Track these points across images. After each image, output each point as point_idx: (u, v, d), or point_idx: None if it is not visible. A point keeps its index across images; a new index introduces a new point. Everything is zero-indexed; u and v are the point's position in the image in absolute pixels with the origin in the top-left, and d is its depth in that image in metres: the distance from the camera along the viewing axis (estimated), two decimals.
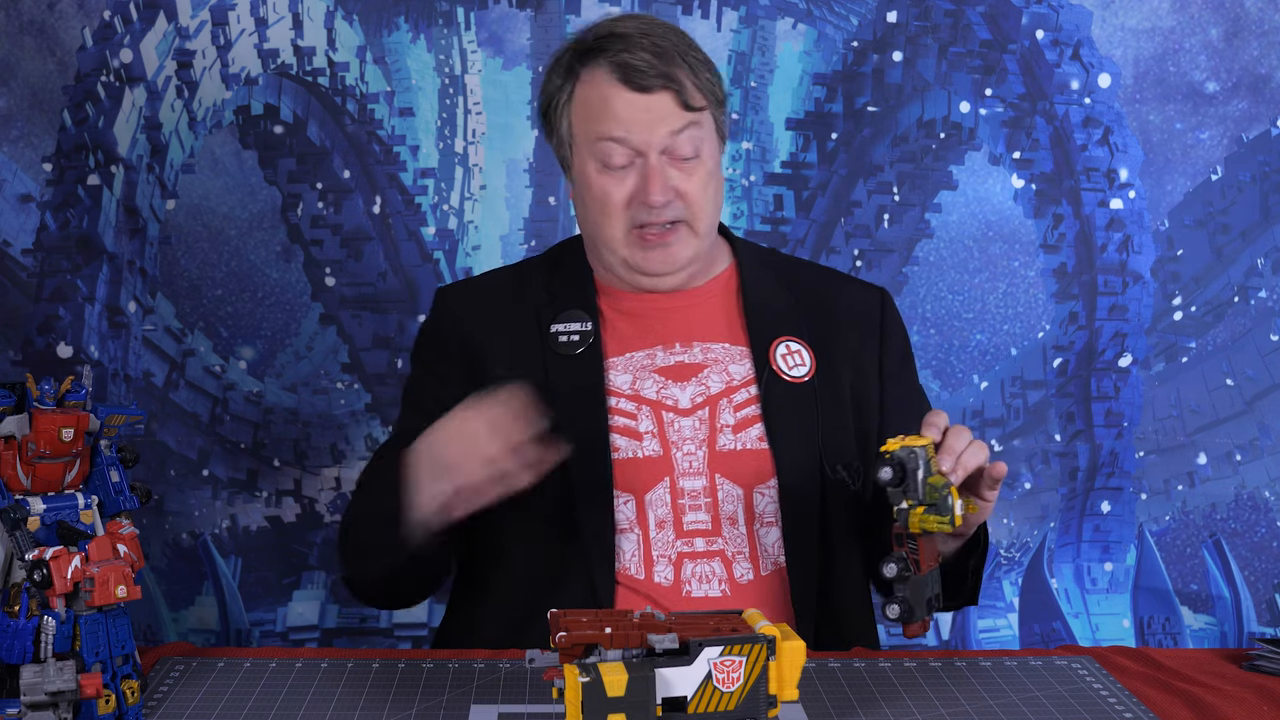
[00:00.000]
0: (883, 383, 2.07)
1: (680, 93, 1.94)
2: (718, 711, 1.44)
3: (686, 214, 1.96)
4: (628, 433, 1.97)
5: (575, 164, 2.01)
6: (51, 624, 1.51)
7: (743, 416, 1.99)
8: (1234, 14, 2.97)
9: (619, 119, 1.94)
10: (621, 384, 2.00)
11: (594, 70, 1.96)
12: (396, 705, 1.64)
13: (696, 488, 1.95)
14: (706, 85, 1.97)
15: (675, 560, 1.93)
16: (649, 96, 1.93)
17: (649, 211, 1.95)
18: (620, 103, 1.94)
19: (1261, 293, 3.01)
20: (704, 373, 2.01)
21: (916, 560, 1.68)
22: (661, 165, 1.94)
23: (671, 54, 1.94)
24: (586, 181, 1.98)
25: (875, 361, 2.08)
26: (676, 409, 1.98)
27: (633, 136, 1.94)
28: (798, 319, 2.05)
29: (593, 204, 1.98)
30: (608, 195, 1.96)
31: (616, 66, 1.94)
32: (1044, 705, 1.67)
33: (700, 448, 1.97)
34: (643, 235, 1.97)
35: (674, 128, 1.94)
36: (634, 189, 1.95)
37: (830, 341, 2.05)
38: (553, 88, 2.02)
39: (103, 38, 2.85)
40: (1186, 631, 3.05)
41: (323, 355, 2.98)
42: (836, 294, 2.12)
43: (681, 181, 1.95)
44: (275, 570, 2.98)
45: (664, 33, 1.98)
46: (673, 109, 1.94)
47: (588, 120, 1.97)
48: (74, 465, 1.60)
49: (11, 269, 2.87)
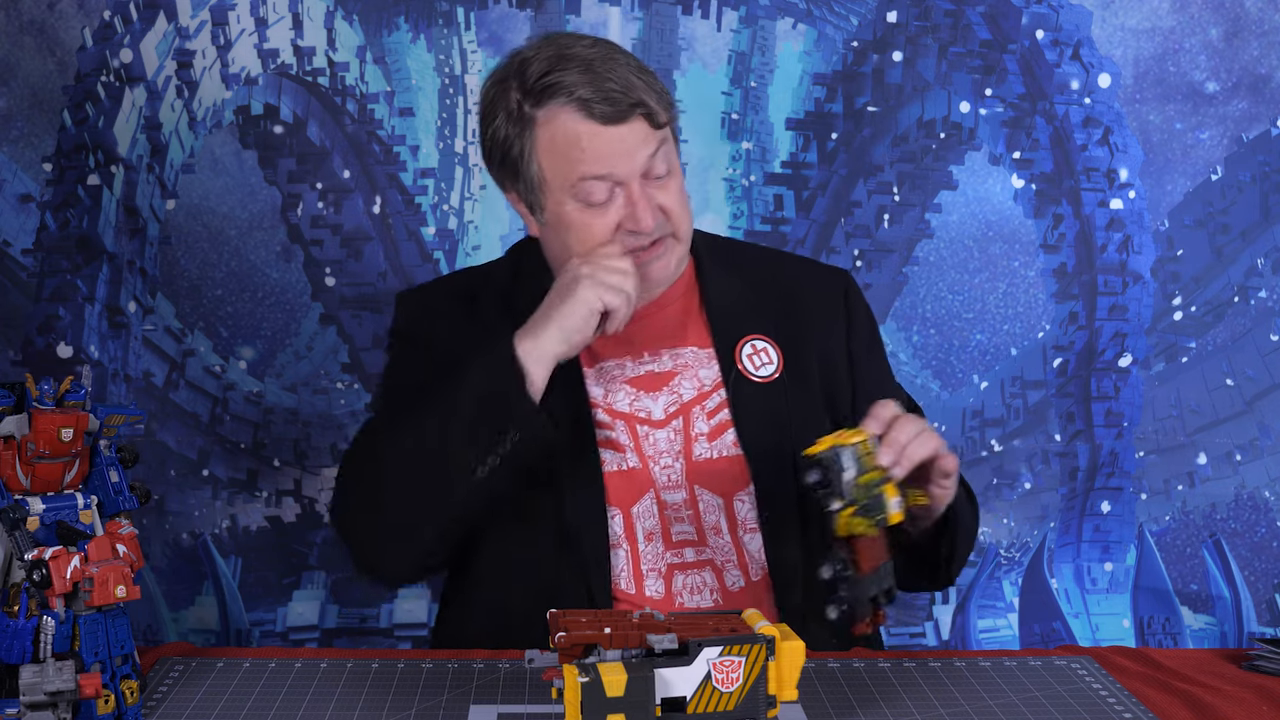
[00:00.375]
0: (852, 366, 2.05)
1: (649, 116, 1.89)
2: (717, 712, 1.44)
3: (670, 227, 1.94)
4: (609, 445, 1.95)
5: (549, 206, 1.93)
6: (51, 624, 1.51)
7: (716, 423, 1.97)
8: (1234, 14, 2.97)
9: (598, 155, 1.87)
10: (595, 396, 1.98)
11: (554, 110, 1.88)
12: (396, 705, 1.64)
13: (678, 500, 1.94)
14: (662, 95, 1.92)
15: (665, 573, 1.92)
16: (622, 127, 1.88)
17: (638, 236, 1.91)
18: (595, 139, 1.87)
19: (1261, 293, 3.01)
20: (675, 380, 1.99)
21: (856, 561, 1.66)
22: (643, 189, 1.90)
23: (629, 79, 1.89)
24: (565, 220, 1.92)
25: (843, 346, 2.05)
26: (650, 421, 1.97)
27: (615, 171, 1.88)
28: (761, 315, 2.02)
29: (575, 240, 1.92)
30: (591, 229, 1.91)
31: (581, 103, 1.86)
32: (1044, 705, 1.67)
33: (677, 459, 1.95)
34: (633, 257, 1.92)
35: (650, 151, 1.89)
36: (619, 218, 1.90)
37: (796, 333, 2.02)
38: (508, 133, 1.93)
39: (103, 38, 2.85)
40: (1186, 631, 3.05)
41: (323, 355, 2.98)
42: (798, 280, 2.08)
43: (662, 198, 1.91)
44: (275, 570, 2.99)
45: (607, 52, 1.91)
46: (645, 133, 1.89)
47: (561, 161, 1.89)
48: (73, 465, 1.60)
49: (11, 269, 2.87)
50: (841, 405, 2.02)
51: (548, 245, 2.01)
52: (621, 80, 1.87)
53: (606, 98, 1.86)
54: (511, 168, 1.95)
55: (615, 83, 1.87)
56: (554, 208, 1.93)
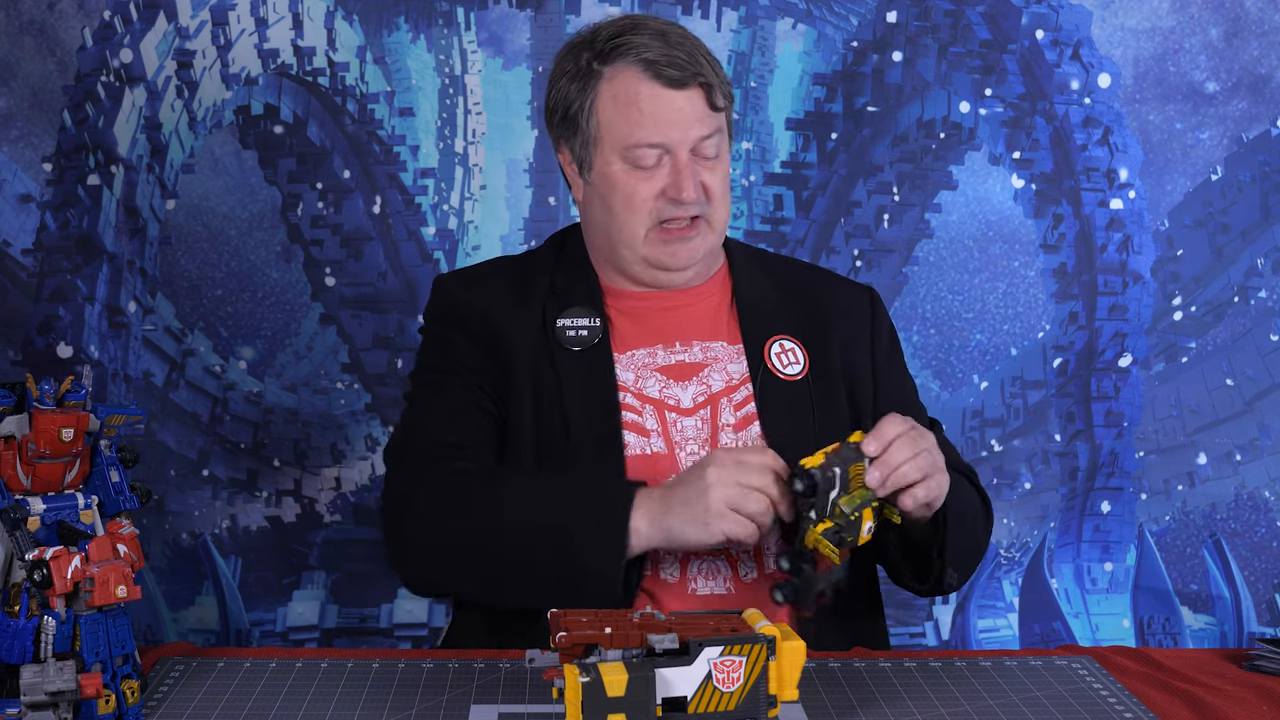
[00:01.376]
0: (875, 375, 2.09)
1: (709, 91, 1.95)
2: (718, 711, 1.44)
3: (708, 210, 1.99)
4: (636, 428, 1.97)
5: (597, 164, 1.99)
6: (51, 624, 1.51)
7: (743, 415, 2.00)
8: (1234, 14, 2.97)
9: (655, 119, 1.94)
10: (626, 381, 2.01)
11: (620, 68, 1.95)
12: (396, 705, 1.64)
13: None
14: (724, 84, 2.00)
15: (681, 557, 1.93)
16: (682, 92, 1.94)
17: (677, 206, 1.96)
18: (655, 101, 1.94)
19: (1261, 293, 3.01)
20: (704, 371, 2.02)
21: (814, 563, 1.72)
22: (690, 162, 1.96)
23: (694, 52, 1.96)
24: (611, 180, 1.98)
25: (867, 355, 2.09)
26: (679, 408, 1.99)
27: (669, 137, 1.94)
28: (790, 317, 2.07)
29: (617, 201, 1.98)
30: (635, 192, 1.96)
31: (647, 63, 1.94)
32: (1044, 705, 1.67)
33: (703, 447, 1.98)
34: (667, 230, 1.98)
35: (704, 132, 1.95)
36: (663, 185, 1.96)
37: (823, 338, 2.06)
38: (570, 90, 1.99)
39: (103, 38, 2.85)
40: (1186, 631, 3.05)
41: (323, 355, 2.98)
42: (827, 292, 2.13)
43: (706, 178, 1.97)
44: (275, 570, 2.98)
45: (681, 31, 1.99)
46: (703, 109, 1.95)
47: (619, 121, 1.96)
48: (74, 465, 1.60)
49: (11, 269, 2.87)
50: (863, 412, 2.05)
51: (588, 210, 2.05)
52: (688, 52, 1.95)
53: (672, 62, 1.93)
54: (571, 123, 2.00)
55: (682, 52, 1.94)
56: (602, 167, 1.98)
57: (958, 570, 1.94)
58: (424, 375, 2.07)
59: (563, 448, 1.95)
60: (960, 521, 1.90)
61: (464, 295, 2.08)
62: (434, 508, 1.90)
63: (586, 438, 1.95)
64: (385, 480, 2.00)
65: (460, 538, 1.86)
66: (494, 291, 2.06)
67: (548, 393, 1.98)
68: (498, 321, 2.02)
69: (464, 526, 1.86)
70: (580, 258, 2.09)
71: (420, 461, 1.94)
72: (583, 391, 1.97)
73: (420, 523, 1.90)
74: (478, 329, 2.02)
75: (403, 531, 1.93)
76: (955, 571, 1.93)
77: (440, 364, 2.04)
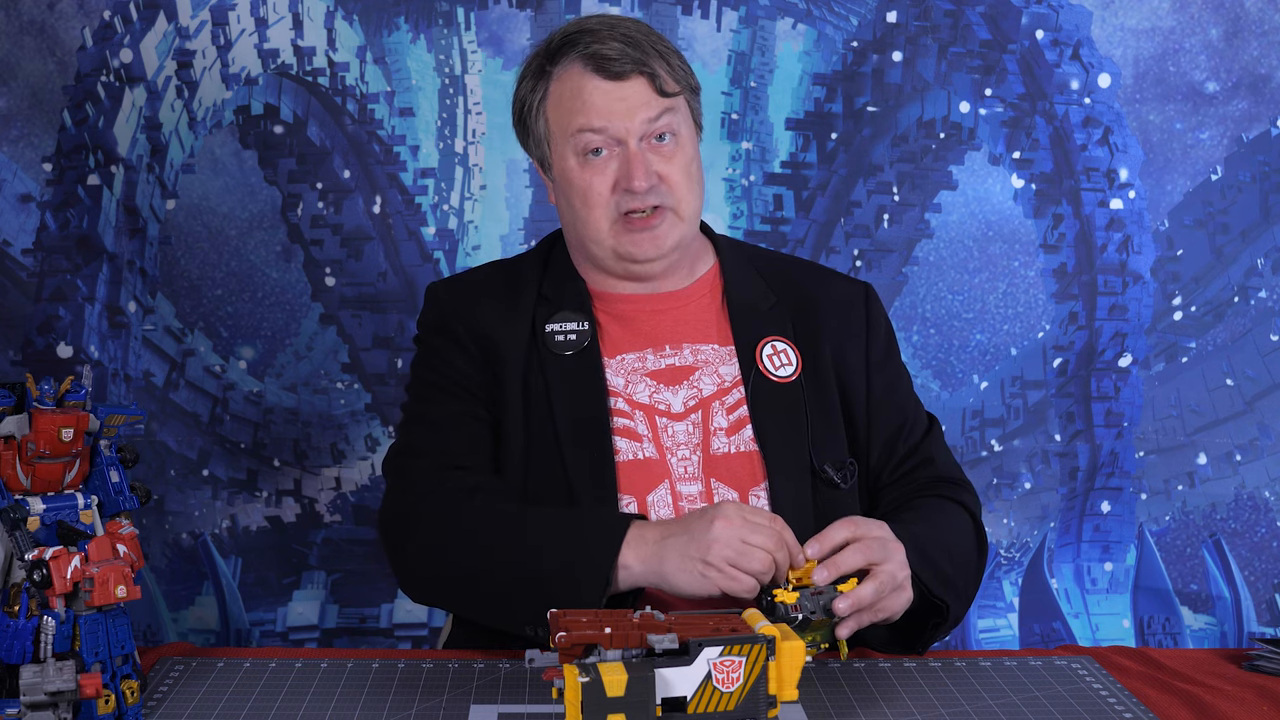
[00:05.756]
0: (869, 373, 2.08)
1: (654, 79, 1.96)
2: (717, 711, 1.44)
3: (670, 199, 1.98)
4: (627, 434, 1.97)
5: (555, 161, 2.01)
6: (51, 624, 1.51)
7: (735, 418, 1.99)
8: (1234, 14, 2.97)
9: (596, 108, 1.95)
10: (616, 386, 2.00)
11: (566, 66, 1.97)
12: (396, 705, 1.64)
13: (693, 492, 1.95)
14: (679, 72, 2.00)
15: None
16: (623, 83, 1.95)
17: (633, 197, 1.96)
18: (596, 92, 1.95)
19: (1261, 293, 3.01)
20: (695, 375, 2.01)
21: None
22: (642, 151, 1.96)
23: (641, 43, 1.97)
24: (568, 177, 1.99)
25: (861, 352, 2.08)
26: (669, 413, 1.99)
27: (611, 125, 1.95)
28: (783, 318, 2.06)
29: (576, 197, 1.99)
30: (590, 186, 1.97)
31: (588, 58, 1.95)
32: (1044, 705, 1.67)
33: (695, 452, 1.97)
34: (630, 221, 1.97)
35: (651, 115, 1.95)
36: (616, 176, 1.96)
37: (816, 338, 2.05)
38: (525, 91, 2.03)
39: (103, 38, 2.85)
40: (1186, 631, 3.05)
41: (323, 355, 2.98)
42: (820, 289, 2.12)
43: (662, 166, 1.97)
44: (275, 570, 2.98)
45: (632, 25, 2.00)
46: (648, 95, 1.96)
47: (564, 114, 1.98)
48: (74, 465, 1.60)
49: (11, 269, 2.87)
50: (856, 411, 2.05)
51: (560, 213, 2.07)
52: (631, 42, 1.96)
53: (612, 54, 1.94)
54: (526, 125, 2.04)
55: (624, 44, 1.95)
56: (559, 163, 2.00)
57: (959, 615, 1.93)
58: (419, 388, 2.07)
59: (553, 453, 1.95)
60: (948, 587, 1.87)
61: (455, 304, 2.08)
62: (434, 537, 1.90)
63: (577, 444, 1.94)
64: (385, 495, 2.01)
65: (458, 571, 1.87)
66: (485, 298, 2.07)
67: (538, 399, 1.98)
68: (489, 329, 2.02)
69: (461, 560, 1.86)
70: (567, 261, 2.09)
71: (419, 480, 1.95)
72: (572, 397, 1.97)
73: (421, 554, 1.91)
74: (469, 339, 2.03)
75: (404, 558, 1.94)
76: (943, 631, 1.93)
77: (435, 377, 2.04)
